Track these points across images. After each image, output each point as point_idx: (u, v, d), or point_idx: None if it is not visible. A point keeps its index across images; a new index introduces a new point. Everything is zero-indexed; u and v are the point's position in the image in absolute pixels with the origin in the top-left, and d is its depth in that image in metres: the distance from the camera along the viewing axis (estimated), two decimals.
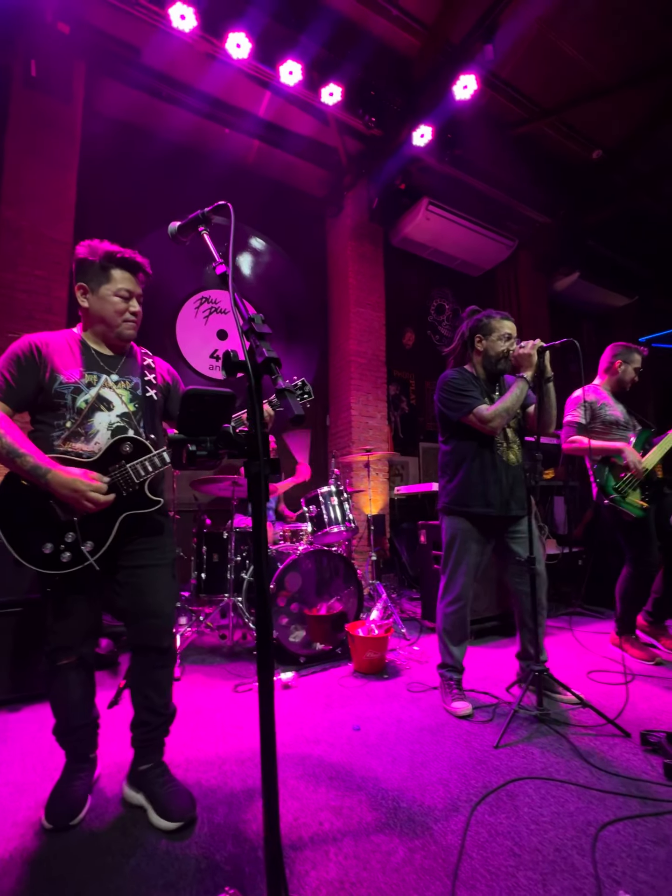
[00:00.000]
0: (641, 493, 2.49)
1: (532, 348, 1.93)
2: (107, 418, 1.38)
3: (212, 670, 2.54)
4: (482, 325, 2.10)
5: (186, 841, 1.25)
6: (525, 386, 1.95)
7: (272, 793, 0.77)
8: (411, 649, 2.80)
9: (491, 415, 1.94)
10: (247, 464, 0.66)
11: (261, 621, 0.68)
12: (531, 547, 1.95)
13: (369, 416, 4.84)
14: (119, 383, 1.45)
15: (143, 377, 1.50)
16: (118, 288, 1.41)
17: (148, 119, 4.28)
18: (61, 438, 1.33)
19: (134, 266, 1.44)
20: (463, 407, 2.00)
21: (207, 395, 0.76)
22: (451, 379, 2.09)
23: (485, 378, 2.13)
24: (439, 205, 5.30)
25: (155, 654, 1.39)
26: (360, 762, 1.61)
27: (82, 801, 1.36)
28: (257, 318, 0.73)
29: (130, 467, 1.34)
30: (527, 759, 1.60)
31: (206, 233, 1.06)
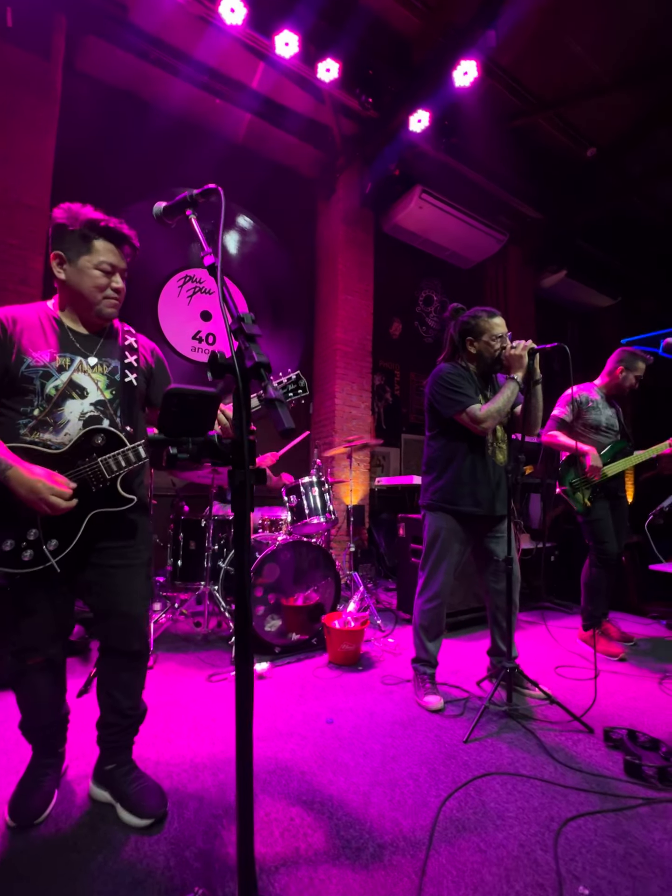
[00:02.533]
0: (591, 494, 2.69)
1: (523, 350, 1.92)
2: (79, 407, 1.29)
3: (185, 659, 2.52)
4: (471, 326, 2.06)
5: (155, 837, 1.24)
6: (516, 387, 1.94)
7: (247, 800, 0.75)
8: (386, 641, 2.83)
9: (484, 415, 1.93)
10: (231, 473, 0.63)
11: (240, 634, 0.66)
12: (509, 547, 1.98)
13: (353, 406, 4.81)
14: (96, 367, 1.34)
15: (124, 360, 1.39)
16: (100, 261, 1.28)
17: (134, 83, 4.07)
18: (28, 427, 1.24)
19: (119, 237, 1.31)
20: (456, 405, 1.98)
21: (190, 395, 0.72)
22: (446, 373, 2.05)
23: (478, 376, 2.12)
24: (433, 193, 5.22)
25: (124, 656, 1.35)
26: (333, 756, 1.62)
27: (48, 797, 1.33)
28: (247, 318, 0.69)
29: (102, 461, 1.25)
30: (495, 755, 1.64)
31: (195, 217, 0.99)
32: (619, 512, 2.78)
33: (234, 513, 0.65)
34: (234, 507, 0.65)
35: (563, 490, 2.76)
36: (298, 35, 3.60)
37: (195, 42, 3.75)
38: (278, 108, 4.50)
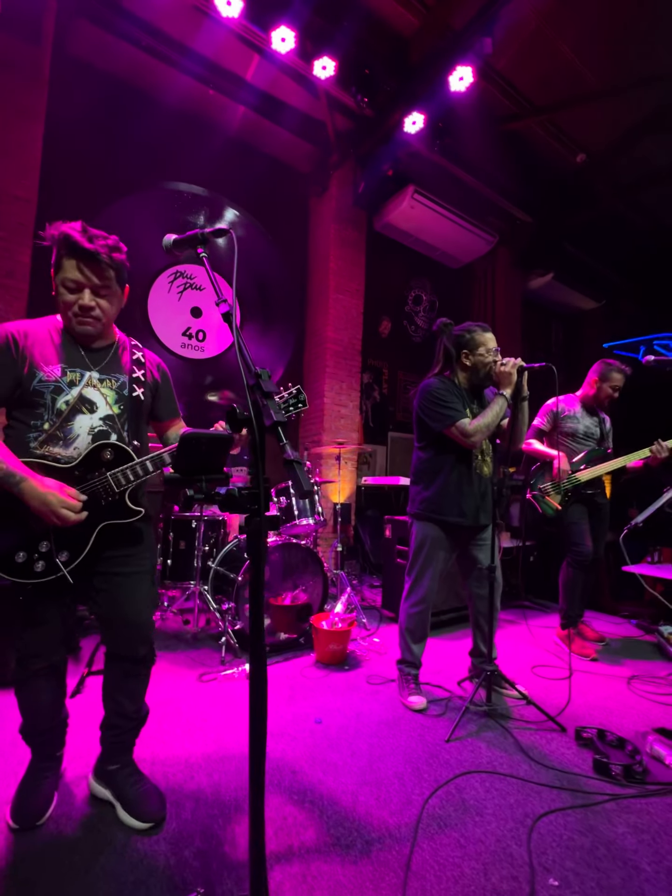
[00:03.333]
0: (562, 498, 2.83)
1: (513, 367, 2.00)
2: (88, 421, 1.32)
3: (176, 657, 2.58)
4: (466, 340, 2.13)
5: (155, 837, 1.30)
6: (504, 403, 2.02)
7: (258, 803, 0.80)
8: (371, 640, 2.92)
9: (473, 430, 2.00)
10: (247, 520, 0.68)
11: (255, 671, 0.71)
12: (492, 555, 2.07)
13: (342, 405, 4.86)
14: (104, 382, 1.37)
15: (132, 374, 1.42)
16: (63, 278, 1.27)
17: (127, 72, 3.97)
18: (38, 441, 1.27)
19: (83, 253, 1.24)
20: (445, 419, 2.05)
21: (203, 439, 0.76)
22: (434, 388, 2.11)
23: (467, 388, 2.19)
24: (425, 193, 5.24)
25: (130, 662, 1.40)
26: (322, 756, 1.70)
27: (49, 799, 1.38)
28: (265, 374, 0.73)
29: (111, 475, 1.29)
30: (474, 754, 1.74)
31: (206, 256, 1.02)
32: (599, 517, 2.91)
33: (248, 556, 0.70)
34: (249, 551, 0.70)
35: (533, 495, 2.91)
36: (295, 31, 3.56)
37: (190, 32, 3.67)
38: (273, 101, 4.45)
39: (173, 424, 1.60)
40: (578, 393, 3.03)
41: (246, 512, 0.67)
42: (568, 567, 2.87)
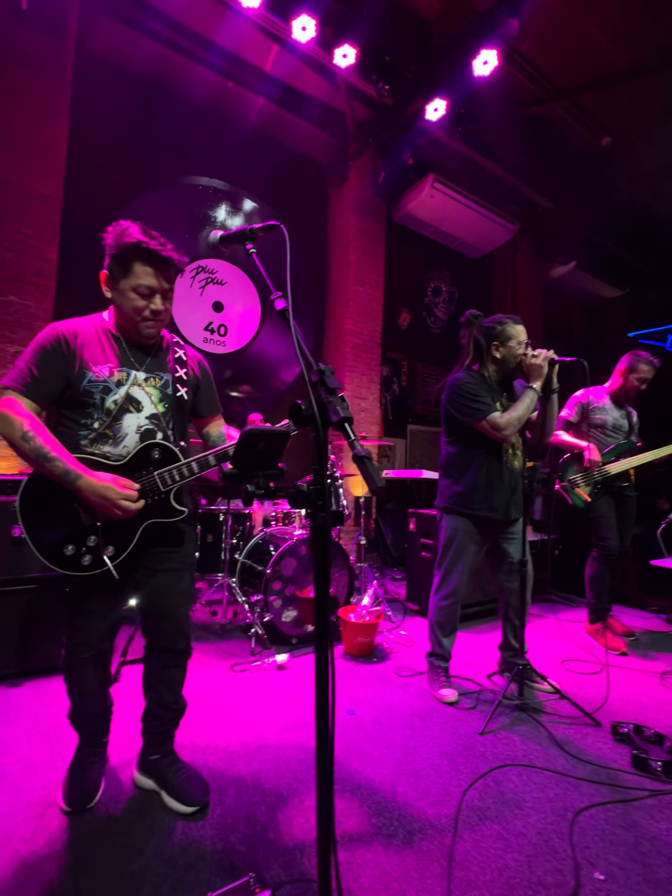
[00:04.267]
0: (592, 490, 2.79)
1: (544, 360, 1.97)
2: (136, 420, 1.34)
3: (206, 648, 2.62)
4: (498, 332, 2.10)
5: (201, 822, 1.33)
6: (535, 396, 1.99)
7: (327, 791, 0.79)
8: (398, 633, 2.94)
9: (504, 423, 1.98)
10: (311, 515, 0.69)
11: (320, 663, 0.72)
12: (524, 549, 2.06)
13: (362, 398, 4.85)
14: (148, 381, 1.38)
15: (175, 373, 1.43)
16: (137, 283, 1.29)
17: (148, 67, 3.96)
18: (88, 439, 1.29)
19: (158, 260, 1.29)
20: (476, 413, 2.03)
21: (263, 435, 0.77)
22: (464, 383, 2.09)
23: (497, 381, 2.16)
24: (445, 182, 5.17)
25: (169, 654, 1.44)
26: (357, 746, 1.72)
27: (97, 784, 1.43)
28: (328, 371, 0.74)
29: (158, 475, 1.31)
30: (509, 747, 1.74)
31: (255, 252, 1.02)
32: (626, 511, 2.86)
33: (314, 553, 0.70)
34: (312, 547, 0.70)
35: (562, 486, 2.88)
36: (315, 19, 3.51)
37: (211, 25, 3.66)
38: (292, 92, 4.41)
39: (213, 420, 1.61)
40: (607, 384, 2.98)
41: (312, 507, 0.67)
42: (594, 561, 2.84)
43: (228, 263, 4.37)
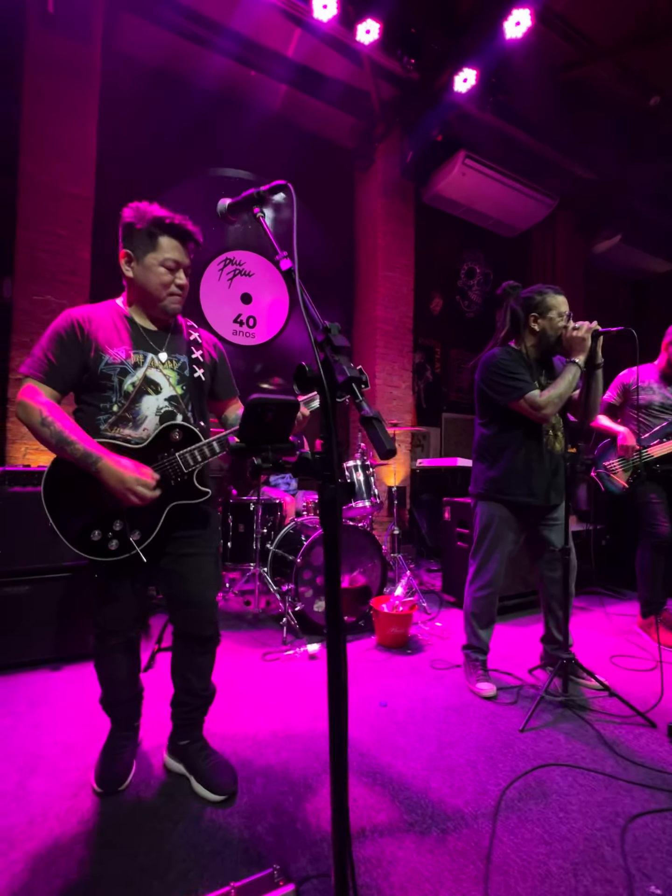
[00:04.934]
0: (630, 476, 2.62)
1: (587, 332, 1.82)
2: (155, 402, 1.33)
3: (239, 637, 2.63)
4: (537, 302, 1.96)
5: (229, 810, 1.32)
6: (577, 371, 1.85)
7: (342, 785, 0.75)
8: (433, 624, 2.85)
9: (544, 401, 1.85)
10: (320, 487, 0.63)
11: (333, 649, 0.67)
12: (566, 536, 1.92)
13: (394, 386, 4.74)
14: (167, 363, 1.38)
15: (191, 355, 1.43)
16: (165, 257, 1.30)
17: (170, 61, 3.98)
18: (108, 423, 1.29)
19: (184, 234, 1.32)
20: (513, 391, 1.90)
21: (270, 404, 0.72)
22: (500, 360, 1.96)
23: (535, 359, 2.03)
24: (477, 158, 4.94)
25: (196, 641, 1.42)
26: (389, 739, 1.66)
27: (128, 767, 1.44)
28: (334, 329, 0.67)
29: (179, 456, 1.30)
30: (553, 745, 1.64)
31: (263, 216, 0.97)
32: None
33: (322, 527, 0.65)
34: (322, 522, 0.65)
35: (597, 473, 2.74)
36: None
37: (231, 12, 3.62)
38: (315, 75, 4.32)
39: (231, 403, 1.60)
40: (656, 362, 2.75)
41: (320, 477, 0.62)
42: (645, 550, 2.64)
43: (256, 254, 4.36)
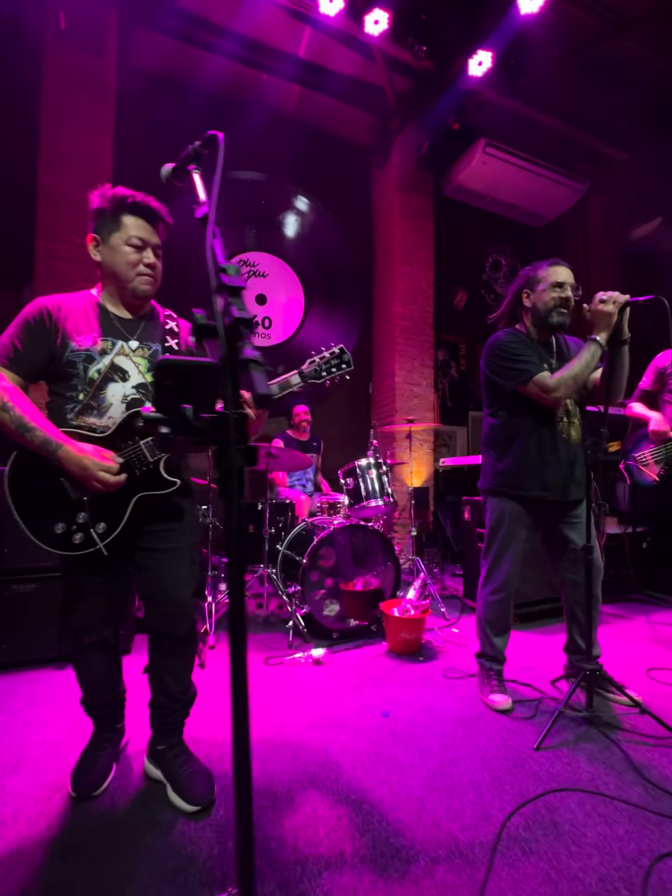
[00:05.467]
0: (664, 466, 2.50)
1: (615, 305, 1.63)
2: (121, 390, 1.29)
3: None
4: (528, 279, 1.85)
5: (202, 822, 1.23)
6: (598, 350, 1.66)
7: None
8: (450, 631, 2.67)
9: (556, 383, 1.68)
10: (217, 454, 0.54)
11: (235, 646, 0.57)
12: (588, 534, 1.73)
13: (414, 384, 4.59)
14: (137, 351, 1.34)
15: (164, 343, 1.39)
16: (129, 236, 1.27)
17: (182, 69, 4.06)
18: (74, 412, 1.26)
19: (147, 211, 1.29)
20: (520, 374, 1.75)
21: (181, 367, 0.63)
22: (504, 342, 1.82)
23: (540, 341, 1.87)
24: (498, 146, 4.76)
25: (171, 641, 1.35)
26: (387, 753, 1.53)
27: (107, 770, 1.38)
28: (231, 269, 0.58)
29: (144, 444, 1.25)
30: (571, 767, 1.45)
31: (198, 172, 0.90)
32: None
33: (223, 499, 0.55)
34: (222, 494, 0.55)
35: (626, 465, 2.64)
36: None
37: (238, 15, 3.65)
38: (327, 73, 4.29)
39: None
40: None
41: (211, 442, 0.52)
42: None
43: (269, 255, 4.36)
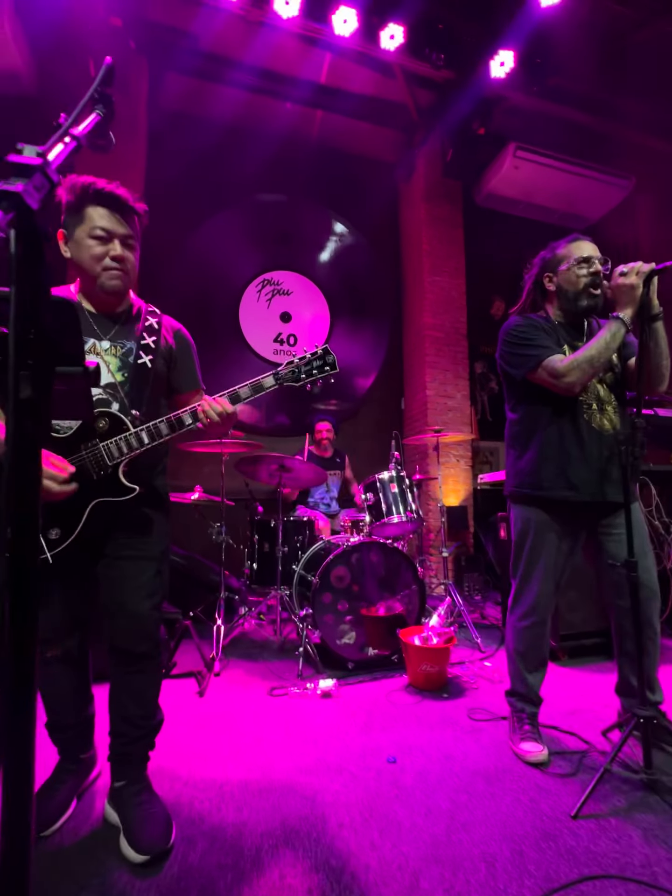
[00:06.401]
0: None
1: (638, 277, 1.40)
2: None
3: (254, 667, 2.37)
4: (548, 260, 1.64)
5: (148, 882, 1.04)
6: (620, 328, 1.44)
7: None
8: (482, 664, 2.34)
9: (566, 367, 1.45)
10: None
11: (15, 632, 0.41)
12: (630, 547, 1.42)
13: (448, 397, 4.34)
14: (109, 350, 1.26)
15: (140, 341, 1.30)
16: (92, 226, 1.18)
17: (205, 104, 4.21)
18: None
19: (112, 200, 1.19)
20: (529, 360, 1.53)
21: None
22: (514, 327, 1.62)
23: (566, 323, 1.64)
24: (530, 149, 4.56)
25: (128, 658, 1.21)
26: (385, 808, 1.27)
27: (62, 807, 1.23)
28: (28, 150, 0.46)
29: (104, 447, 1.16)
30: (620, 845, 1.12)
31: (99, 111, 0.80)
32: None
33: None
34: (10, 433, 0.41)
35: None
36: (355, 7, 3.40)
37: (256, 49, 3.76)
38: (348, 96, 4.33)
39: (194, 397, 1.42)
40: None
41: None
42: None
43: (293, 273, 4.37)
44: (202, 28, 3.56)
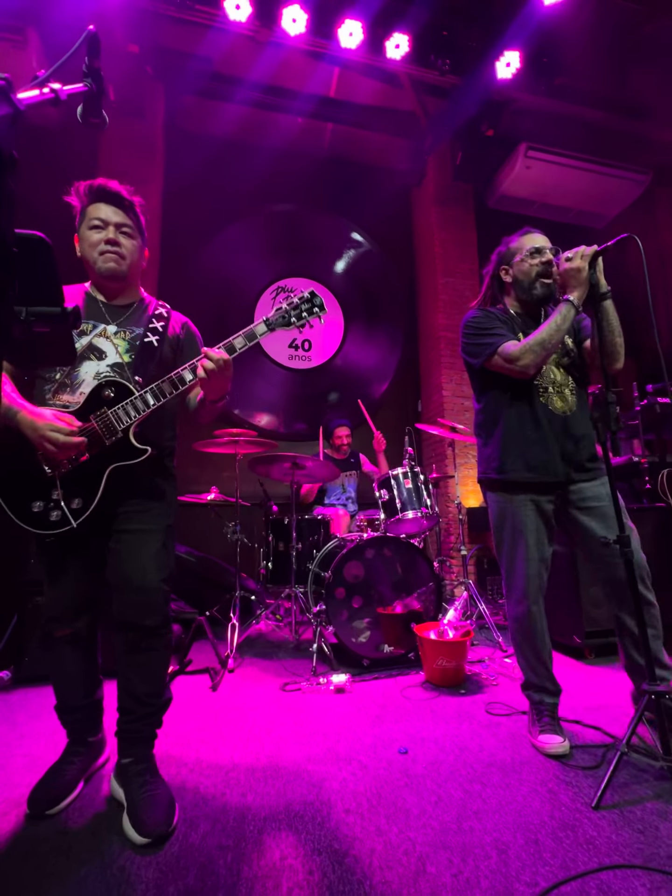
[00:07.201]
0: None
1: (582, 259, 1.42)
2: (94, 368, 1.28)
3: (269, 665, 2.35)
4: (503, 254, 1.69)
5: (148, 858, 1.02)
6: (570, 310, 1.46)
7: None
8: (503, 661, 2.26)
9: (519, 351, 1.48)
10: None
11: None
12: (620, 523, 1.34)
13: (465, 397, 4.29)
14: (118, 334, 1.34)
15: (149, 325, 1.37)
16: (90, 219, 1.31)
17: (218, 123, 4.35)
18: (51, 391, 1.26)
19: (106, 194, 1.30)
20: (485, 348, 1.56)
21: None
22: (471, 319, 1.66)
23: (524, 313, 1.67)
24: (541, 148, 4.54)
25: (137, 632, 1.22)
26: (393, 795, 1.23)
27: (69, 787, 1.24)
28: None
29: (112, 413, 1.22)
30: (644, 836, 1.05)
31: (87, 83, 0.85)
32: None
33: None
34: None
35: None
36: (360, 20, 3.50)
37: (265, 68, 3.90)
38: (358, 108, 4.42)
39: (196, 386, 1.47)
40: None
41: None
42: None
43: (307, 279, 4.43)
44: (214, 51, 3.71)
